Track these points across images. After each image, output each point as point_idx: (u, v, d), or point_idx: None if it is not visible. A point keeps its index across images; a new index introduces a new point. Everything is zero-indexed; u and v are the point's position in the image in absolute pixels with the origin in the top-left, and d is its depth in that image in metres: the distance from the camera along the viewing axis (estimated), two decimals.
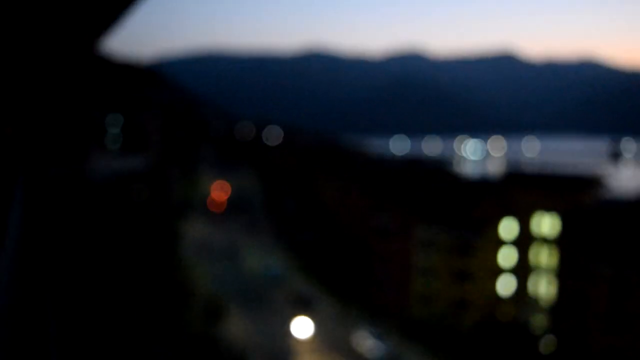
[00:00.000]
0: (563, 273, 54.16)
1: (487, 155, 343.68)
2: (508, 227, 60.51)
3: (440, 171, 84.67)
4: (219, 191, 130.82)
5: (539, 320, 56.47)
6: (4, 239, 1.54)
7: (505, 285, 60.78)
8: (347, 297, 67.29)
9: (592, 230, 50.55)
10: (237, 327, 58.28)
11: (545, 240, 56.45)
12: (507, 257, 60.77)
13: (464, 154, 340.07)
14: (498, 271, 61.08)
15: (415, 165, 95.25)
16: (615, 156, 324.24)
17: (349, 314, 62.75)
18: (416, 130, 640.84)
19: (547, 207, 56.39)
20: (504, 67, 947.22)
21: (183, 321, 53.07)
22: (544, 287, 56.91)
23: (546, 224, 56.72)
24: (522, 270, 58.42)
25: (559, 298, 54.90)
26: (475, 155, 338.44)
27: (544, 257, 56.81)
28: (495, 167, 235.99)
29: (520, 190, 59.45)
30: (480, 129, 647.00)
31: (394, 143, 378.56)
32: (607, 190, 61.19)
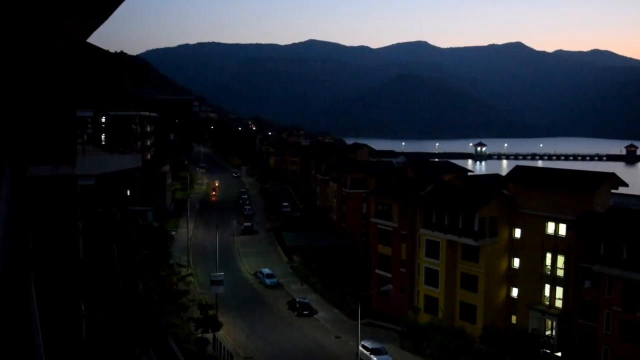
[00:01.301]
0: (573, 278, 54.18)
1: (496, 156, 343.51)
2: (516, 230, 60.53)
3: (446, 172, 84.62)
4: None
5: (548, 327, 56.48)
6: None
7: (514, 291, 60.78)
8: (348, 303, 67.24)
9: (604, 234, 50.53)
10: (233, 336, 58.29)
11: (555, 244, 56.44)
12: (515, 261, 60.76)
13: (472, 154, 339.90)
14: (506, 276, 61.09)
15: (420, 165, 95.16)
16: (631, 158, 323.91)
17: (351, 321, 62.68)
18: (420, 129, 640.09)
19: (558, 210, 56.39)
20: (514, 55, 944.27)
21: (177, 330, 53.08)
22: (554, 293, 56.90)
23: (556, 226, 56.71)
24: (531, 274, 58.41)
25: (569, 303, 54.92)
26: (484, 156, 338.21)
27: (553, 261, 56.80)
28: (504, 169, 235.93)
29: (530, 192, 59.43)
30: (489, 128, 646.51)
31: (398, 143, 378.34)
32: (621, 192, 61.15)
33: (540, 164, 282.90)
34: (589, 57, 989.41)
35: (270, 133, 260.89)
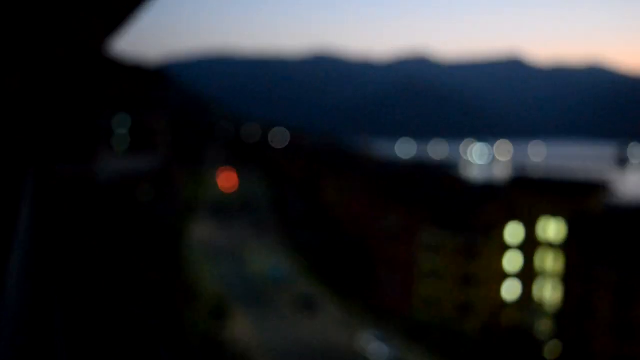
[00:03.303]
0: (568, 278, 53.91)
1: (493, 159, 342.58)
2: (513, 232, 60.31)
3: (446, 174, 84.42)
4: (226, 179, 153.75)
5: (543, 325, 56.22)
6: (15, 235, 1.57)
7: (510, 290, 60.54)
8: (351, 299, 67.14)
9: (598, 236, 50.30)
10: (241, 329, 58.30)
11: (550, 245, 56.22)
12: (512, 261, 60.55)
13: (470, 158, 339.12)
14: (503, 275, 60.86)
15: (421, 168, 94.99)
16: (622, 162, 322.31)
17: (353, 317, 62.59)
18: (422, 133, 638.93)
19: (553, 212, 56.17)
20: (511, 71, 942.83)
21: (188, 322, 53.14)
22: (549, 292, 56.66)
23: (552, 228, 56.48)
24: (527, 274, 58.19)
25: (564, 303, 54.65)
26: (482, 159, 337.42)
27: (549, 262, 56.56)
28: (501, 172, 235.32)
29: (526, 195, 59.23)
30: (487, 132, 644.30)
31: (400, 146, 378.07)
32: (613, 196, 60.88)
33: (537, 166, 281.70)
34: (586, 71, 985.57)
35: (279, 136, 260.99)
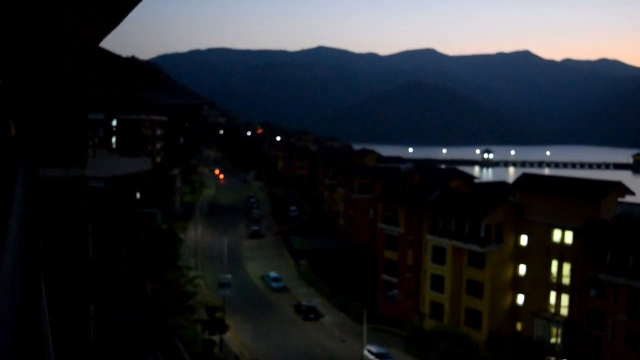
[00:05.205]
0: (579, 285, 53.88)
1: (503, 163, 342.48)
2: (522, 237, 60.28)
3: (453, 179, 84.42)
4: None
5: (553, 334, 56.18)
6: (4, 238, 1.62)
7: (519, 298, 60.51)
8: (354, 307, 67.12)
9: (610, 242, 50.26)
10: (239, 339, 58.28)
11: (561, 252, 56.18)
12: (521, 268, 60.50)
13: (479, 161, 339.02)
14: (511, 283, 60.84)
15: (427, 172, 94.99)
16: (638, 167, 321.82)
17: (357, 326, 62.55)
18: (428, 136, 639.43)
19: (564, 217, 56.14)
20: (522, 63, 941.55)
21: (184, 329, 53.15)
22: (559, 300, 56.61)
23: (563, 234, 56.45)
24: (537, 281, 58.14)
25: (574, 311, 54.60)
26: (491, 163, 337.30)
27: (559, 268, 56.52)
28: (511, 176, 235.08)
29: (536, 199, 59.22)
30: (497, 136, 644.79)
31: (406, 150, 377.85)
32: (627, 201, 60.85)
33: (547, 171, 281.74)
34: (597, 65, 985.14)
35: (278, 138, 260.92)
